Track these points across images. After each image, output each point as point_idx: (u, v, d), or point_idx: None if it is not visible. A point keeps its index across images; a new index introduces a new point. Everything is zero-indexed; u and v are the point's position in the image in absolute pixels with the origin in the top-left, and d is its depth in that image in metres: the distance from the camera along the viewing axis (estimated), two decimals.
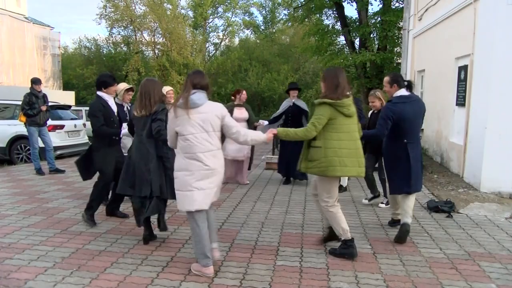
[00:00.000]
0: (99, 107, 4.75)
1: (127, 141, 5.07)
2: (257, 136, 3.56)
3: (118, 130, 4.80)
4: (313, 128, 3.57)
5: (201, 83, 3.41)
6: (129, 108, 5.69)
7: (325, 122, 3.57)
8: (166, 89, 6.69)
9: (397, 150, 4.17)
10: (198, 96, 3.34)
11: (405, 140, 4.12)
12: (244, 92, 7.23)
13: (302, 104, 7.18)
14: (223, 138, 3.69)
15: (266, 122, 7.16)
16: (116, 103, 5.29)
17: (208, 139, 3.33)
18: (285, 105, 7.19)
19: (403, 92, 4.20)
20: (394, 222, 4.72)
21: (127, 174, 4.02)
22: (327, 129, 3.59)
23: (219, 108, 3.45)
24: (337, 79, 3.66)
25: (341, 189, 6.49)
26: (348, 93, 3.70)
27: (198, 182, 3.30)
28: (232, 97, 7.30)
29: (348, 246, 3.73)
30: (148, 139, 3.94)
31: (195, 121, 3.29)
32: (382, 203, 5.73)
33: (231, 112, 6.97)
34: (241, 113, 7.02)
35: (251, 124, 7.01)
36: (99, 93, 4.94)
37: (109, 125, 4.75)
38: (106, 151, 4.74)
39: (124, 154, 4.80)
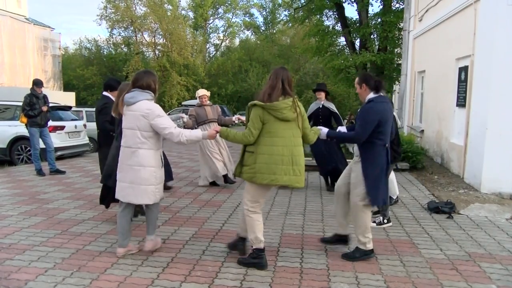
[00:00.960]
0: (105, 104, 5.13)
1: None
2: (192, 134, 3.61)
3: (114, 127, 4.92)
4: (250, 133, 3.37)
5: (138, 83, 3.56)
6: None
7: (260, 125, 3.37)
8: (200, 93, 6.90)
9: (379, 156, 3.69)
10: (132, 95, 3.54)
11: (386, 145, 3.71)
12: None
13: (331, 105, 6.68)
14: None
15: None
16: None
17: (132, 136, 3.54)
18: (313, 107, 6.69)
19: (379, 93, 3.78)
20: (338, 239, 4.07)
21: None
22: (260, 133, 3.39)
23: (148, 109, 3.50)
24: (271, 80, 3.46)
25: (392, 201, 5.62)
26: (285, 95, 3.43)
27: (119, 174, 3.66)
28: None
29: (257, 256, 3.51)
30: (120, 137, 4.01)
31: (126, 118, 3.58)
32: (374, 222, 4.75)
33: None
34: None
35: None
36: (105, 93, 5.30)
37: (112, 123, 4.89)
38: (107, 150, 4.80)
39: None
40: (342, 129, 4.20)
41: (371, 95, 3.77)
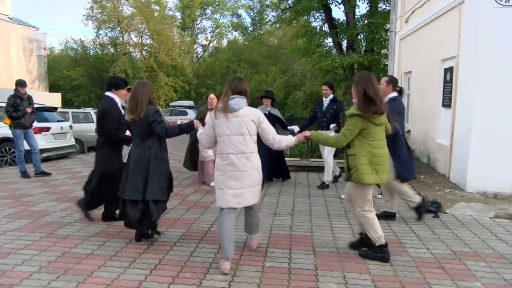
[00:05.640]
0: (112, 108, 4.64)
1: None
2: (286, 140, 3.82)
3: (130, 137, 4.60)
4: (344, 138, 3.63)
5: (237, 89, 3.58)
6: None
7: (356, 132, 3.59)
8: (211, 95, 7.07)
9: (401, 141, 4.79)
10: (236, 101, 3.54)
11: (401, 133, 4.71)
12: None
13: (276, 112, 7.31)
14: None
15: (297, 128, 6.83)
16: (122, 107, 5.13)
17: (243, 142, 3.54)
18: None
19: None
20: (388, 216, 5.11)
21: (125, 178, 4.04)
22: (360, 137, 3.62)
23: (255, 114, 3.61)
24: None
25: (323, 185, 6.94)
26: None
27: (234, 182, 3.57)
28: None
29: (382, 251, 3.74)
30: (143, 142, 4.01)
31: (228, 124, 3.60)
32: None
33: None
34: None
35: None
36: (109, 94, 4.75)
37: (119, 128, 4.66)
38: (110, 153, 4.67)
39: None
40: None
41: (392, 94, 4.85)
